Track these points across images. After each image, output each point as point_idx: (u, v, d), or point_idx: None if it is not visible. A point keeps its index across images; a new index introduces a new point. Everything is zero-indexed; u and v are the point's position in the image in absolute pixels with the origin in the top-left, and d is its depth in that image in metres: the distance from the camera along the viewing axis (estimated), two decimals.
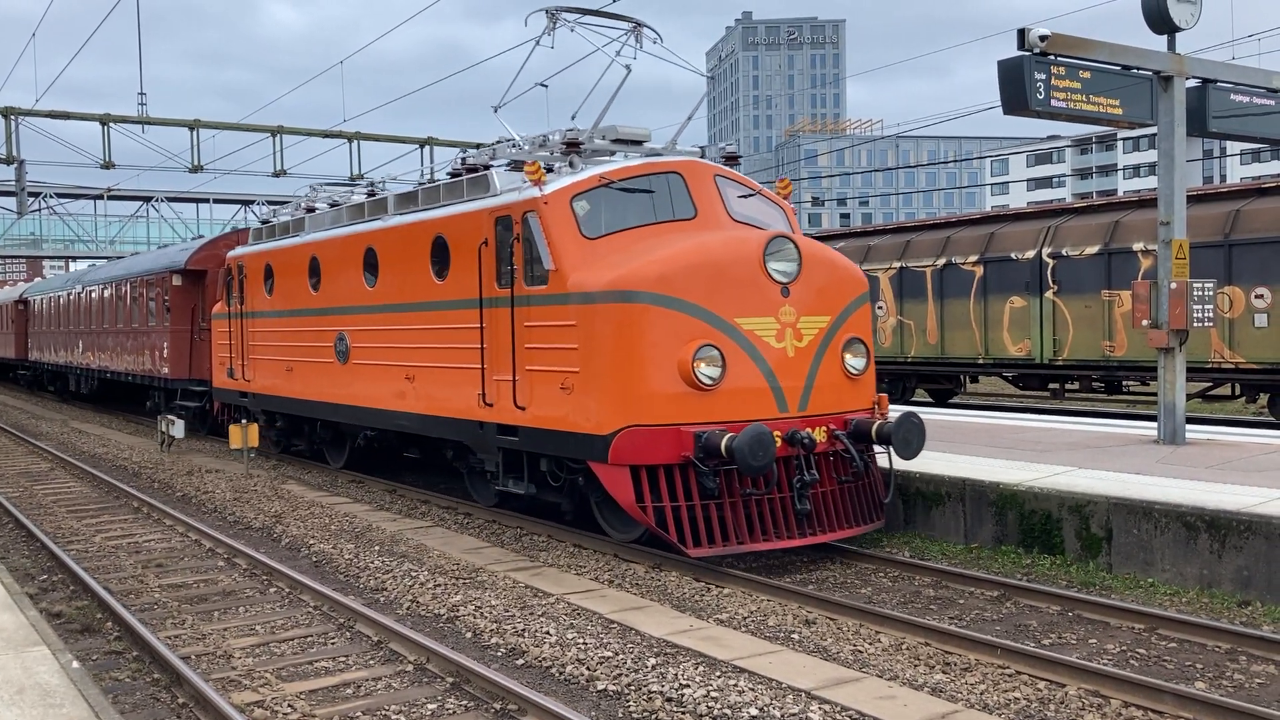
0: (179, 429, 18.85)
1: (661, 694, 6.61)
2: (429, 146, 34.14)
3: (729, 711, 6.30)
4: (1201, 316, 12.73)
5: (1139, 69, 12.55)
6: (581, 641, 7.69)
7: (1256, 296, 17.48)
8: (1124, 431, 14.46)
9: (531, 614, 8.48)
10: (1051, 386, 21.85)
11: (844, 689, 6.69)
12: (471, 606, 8.74)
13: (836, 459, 10.45)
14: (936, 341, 22.59)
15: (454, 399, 12.24)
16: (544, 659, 7.41)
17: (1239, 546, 8.65)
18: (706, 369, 9.79)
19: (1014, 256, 21.00)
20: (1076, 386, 21.50)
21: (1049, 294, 20.29)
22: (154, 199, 50.24)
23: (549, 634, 7.90)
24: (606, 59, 12.34)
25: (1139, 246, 18.82)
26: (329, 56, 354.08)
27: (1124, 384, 20.84)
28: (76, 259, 57.64)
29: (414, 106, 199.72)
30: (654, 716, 6.35)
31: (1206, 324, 12.88)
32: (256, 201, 47.07)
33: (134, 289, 25.96)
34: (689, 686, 6.71)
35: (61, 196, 48.81)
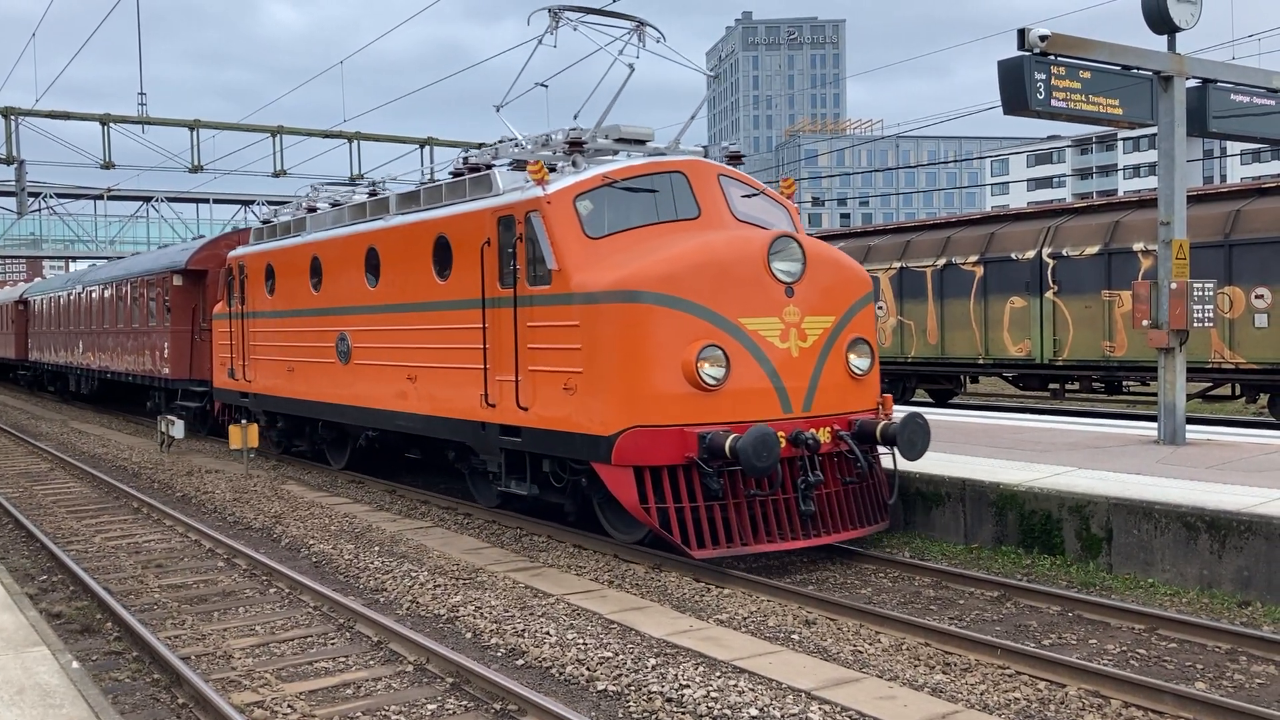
0: (179, 429, 18.85)
1: (661, 694, 6.61)
2: (429, 146, 34.16)
3: (729, 712, 6.30)
4: (1201, 317, 12.73)
5: (1139, 69, 12.55)
6: (581, 642, 7.68)
7: (1256, 297, 17.48)
8: (1124, 432, 14.46)
9: (531, 614, 8.48)
10: (1051, 387, 21.85)
11: (844, 689, 6.69)
12: (471, 607, 8.74)
13: (841, 460, 10.41)
14: (936, 342, 22.59)
15: (456, 399, 12.20)
16: (544, 659, 7.41)
17: (1239, 547, 8.65)
18: (710, 369, 9.75)
19: (1014, 256, 21.00)
20: (1076, 387, 21.50)
21: (1049, 294, 20.29)
22: (154, 199, 50.27)
23: (549, 634, 7.90)
24: (608, 58, 12.32)
25: (1139, 246, 18.82)
26: (329, 56, 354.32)
27: (1124, 384, 20.84)
28: (76, 259, 57.66)
29: (414, 106, 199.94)
30: (654, 717, 6.35)
31: (1206, 324, 12.88)
32: (256, 201, 47.08)
33: (134, 289, 25.96)
34: (689, 687, 6.71)
35: (61, 196, 48.83)
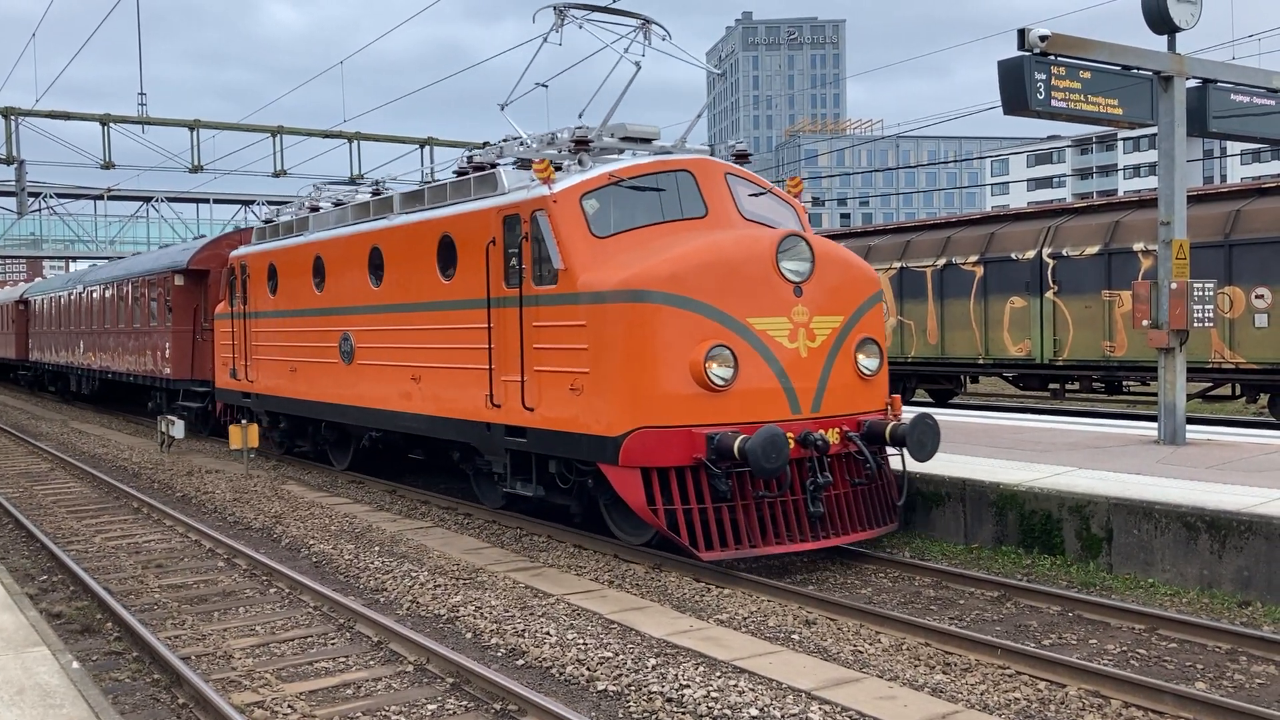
0: (179, 429, 18.86)
1: (662, 694, 6.61)
2: (429, 146, 34.16)
3: (729, 712, 6.30)
4: (1201, 316, 12.73)
5: (1139, 69, 12.55)
6: (582, 642, 7.68)
7: (1257, 296, 17.48)
8: (1124, 431, 14.46)
9: (532, 614, 8.48)
10: (1052, 386, 21.85)
11: (844, 689, 6.69)
12: (472, 607, 8.74)
13: (850, 461, 10.34)
14: (937, 342, 22.59)
15: (461, 400, 12.15)
16: (544, 659, 7.41)
17: (1239, 547, 8.65)
18: (718, 369, 9.68)
19: (1014, 256, 21.00)
20: (1077, 387, 21.50)
21: (1049, 294, 20.29)
22: (154, 199, 50.26)
23: (549, 634, 7.90)
24: (609, 58, 12.32)
25: (1139, 246, 18.82)
26: (329, 56, 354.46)
27: (1124, 384, 20.84)
28: (76, 259, 57.67)
29: (414, 106, 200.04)
30: (654, 717, 6.35)
31: (1207, 324, 12.88)
32: (257, 202, 47.12)
33: (136, 289, 25.95)
34: (689, 687, 6.71)
35: (61, 196, 48.83)
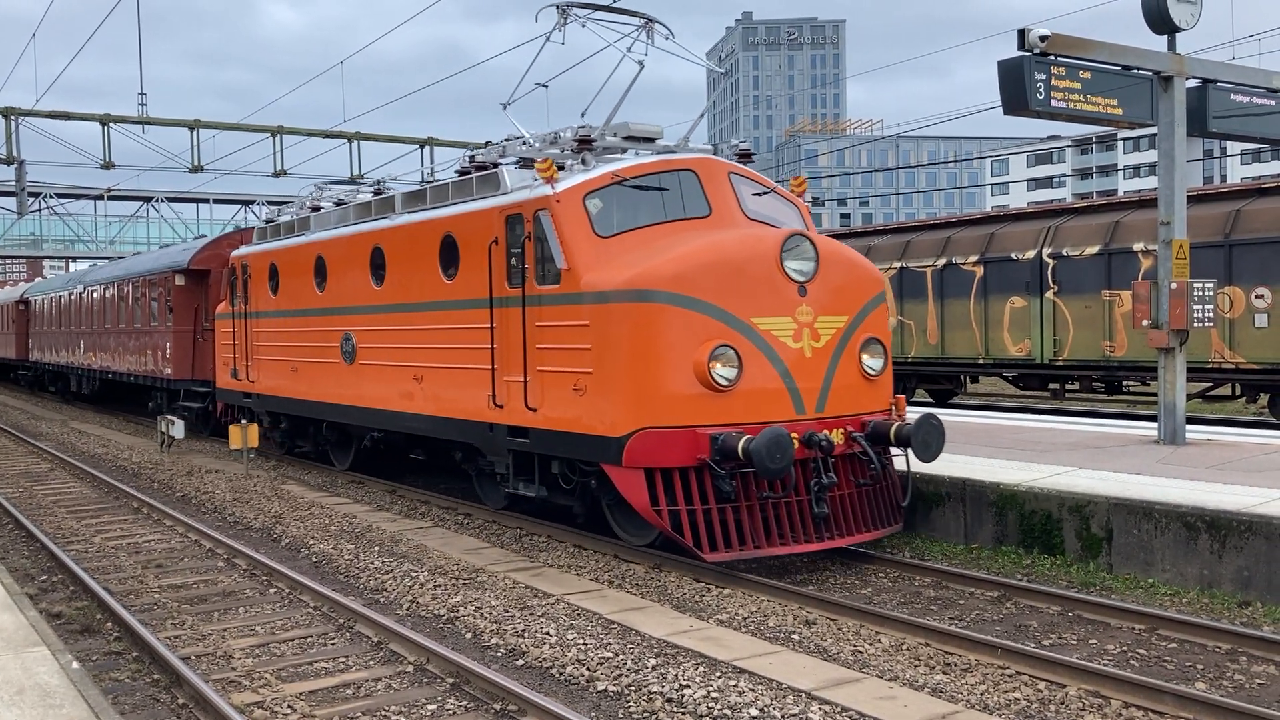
0: (179, 429, 18.85)
1: (662, 694, 6.61)
2: (429, 146, 34.16)
3: (729, 712, 6.30)
4: (1202, 316, 12.73)
5: (1139, 69, 12.55)
6: (581, 642, 7.68)
7: (1257, 296, 17.47)
8: (1124, 431, 14.46)
9: (531, 614, 8.48)
10: (1052, 386, 21.85)
11: (844, 689, 6.69)
12: (471, 607, 8.74)
13: (854, 461, 10.31)
14: (937, 342, 22.59)
15: (463, 400, 12.11)
16: (544, 659, 7.41)
17: (1239, 547, 8.65)
18: (722, 370, 9.64)
19: (1014, 256, 21.00)
20: (1076, 387, 21.50)
21: (1049, 294, 20.29)
22: (154, 199, 50.26)
23: (549, 634, 7.90)
24: (610, 59, 12.31)
25: (1139, 246, 18.82)
26: (328, 56, 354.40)
27: (1124, 384, 20.84)
28: (77, 259, 57.68)
29: (414, 106, 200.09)
30: (654, 717, 6.35)
31: (1207, 324, 12.88)
32: (257, 202, 47.13)
33: (136, 289, 25.95)
34: (689, 687, 6.71)
35: (61, 197, 48.83)
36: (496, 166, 12.20)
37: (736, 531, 9.63)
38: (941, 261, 22.44)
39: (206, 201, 50.52)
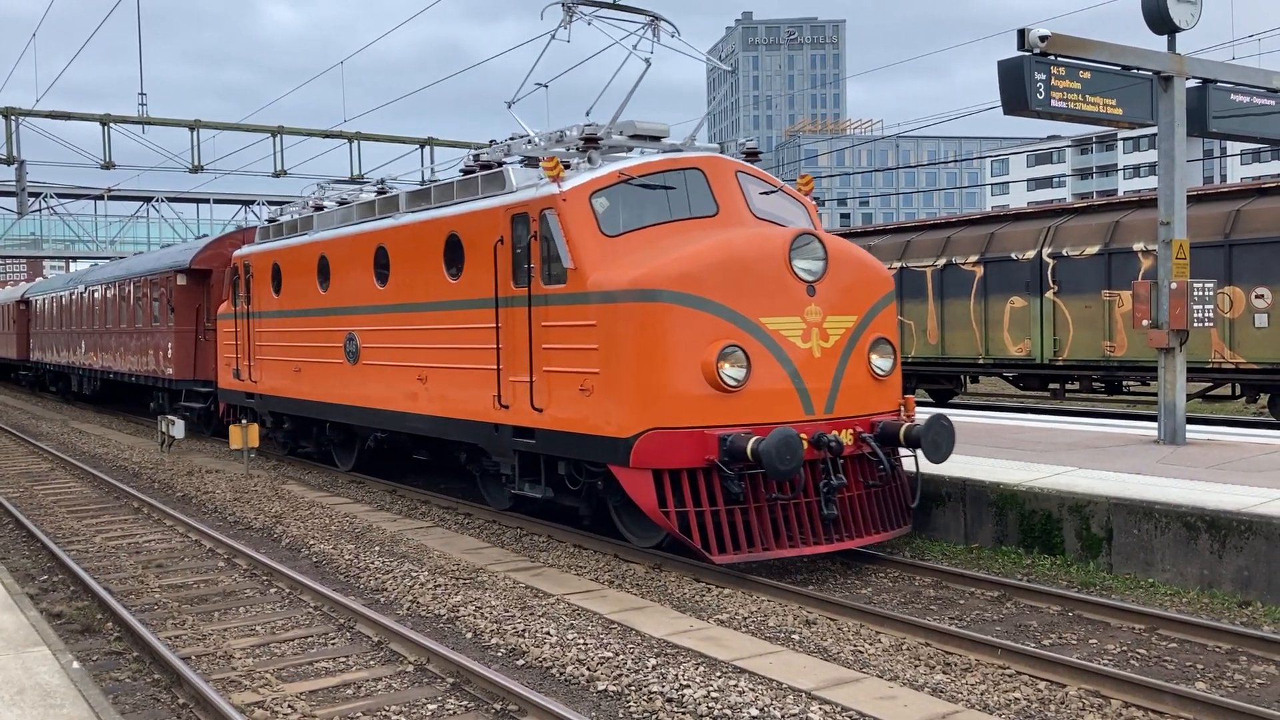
0: (179, 429, 18.85)
1: (662, 694, 6.62)
2: (429, 146, 34.17)
3: (729, 712, 6.31)
4: (1201, 316, 12.73)
5: (1139, 69, 12.55)
6: (582, 642, 7.69)
7: (1257, 296, 17.48)
8: (1124, 431, 14.46)
9: (532, 614, 8.49)
10: (1052, 386, 21.85)
11: (844, 689, 6.70)
12: (472, 607, 8.74)
13: (863, 462, 10.24)
14: (937, 341, 22.59)
15: (468, 400, 12.06)
16: (544, 659, 7.41)
17: (1239, 547, 8.65)
18: (731, 370, 9.57)
19: (1014, 256, 21.00)
20: (1076, 386, 21.50)
21: (1049, 294, 20.29)
22: (154, 199, 50.28)
23: (549, 634, 7.90)
24: (614, 58, 12.26)
25: (1139, 246, 18.83)
26: (328, 57, 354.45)
27: (1124, 384, 20.84)
28: (77, 259, 57.67)
29: (414, 106, 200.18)
30: (654, 717, 6.36)
31: (1206, 324, 12.88)
32: (257, 202, 47.14)
33: (138, 289, 25.95)
34: (689, 687, 6.71)
35: (62, 197, 48.84)
36: (501, 165, 12.14)
37: (745, 533, 9.56)
38: (941, 261, 22.45)
39: (207, 201, 50.56)
